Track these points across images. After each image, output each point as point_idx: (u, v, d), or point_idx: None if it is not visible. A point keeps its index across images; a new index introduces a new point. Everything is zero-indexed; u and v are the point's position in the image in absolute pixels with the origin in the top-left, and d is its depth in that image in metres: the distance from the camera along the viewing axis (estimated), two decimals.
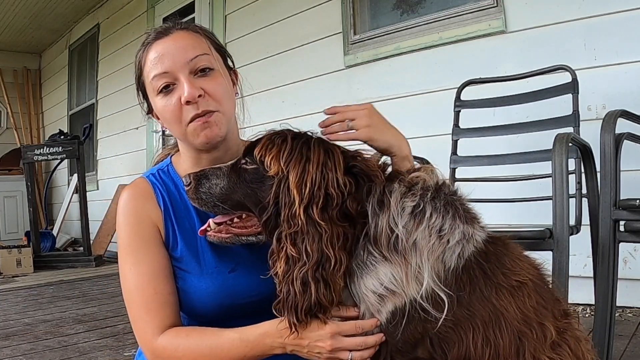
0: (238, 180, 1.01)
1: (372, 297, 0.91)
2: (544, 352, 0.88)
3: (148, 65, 1.14)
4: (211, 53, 1.15)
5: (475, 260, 0.92)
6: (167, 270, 1.13)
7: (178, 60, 1.10)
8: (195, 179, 1.04)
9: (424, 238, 0.91)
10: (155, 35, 1.15)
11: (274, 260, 0.94)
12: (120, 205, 1.17)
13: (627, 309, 2.52)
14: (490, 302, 0.89)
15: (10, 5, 6.49)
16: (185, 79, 1.09)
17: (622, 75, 2.50)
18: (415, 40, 3.31)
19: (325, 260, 0.90)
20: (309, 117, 3.85)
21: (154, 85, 1.13)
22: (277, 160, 0.95)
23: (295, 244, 0.91)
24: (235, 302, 1.13)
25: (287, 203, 0.92)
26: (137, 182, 1.20)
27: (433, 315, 0.88)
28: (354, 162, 0.98)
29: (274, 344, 0.99)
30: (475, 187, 2.40)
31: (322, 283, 0.89)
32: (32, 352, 2.44)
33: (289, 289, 0.90)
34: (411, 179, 0.97)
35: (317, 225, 0.90)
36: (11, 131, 8.04)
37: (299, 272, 0.90)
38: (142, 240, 1.13)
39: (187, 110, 1.10)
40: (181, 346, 1.05)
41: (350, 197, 0.94)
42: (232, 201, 1.02)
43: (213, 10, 4.84)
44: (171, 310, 1.11)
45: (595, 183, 1.89)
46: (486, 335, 0.88)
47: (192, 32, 1.16)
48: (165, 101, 1.12)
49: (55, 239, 6.38)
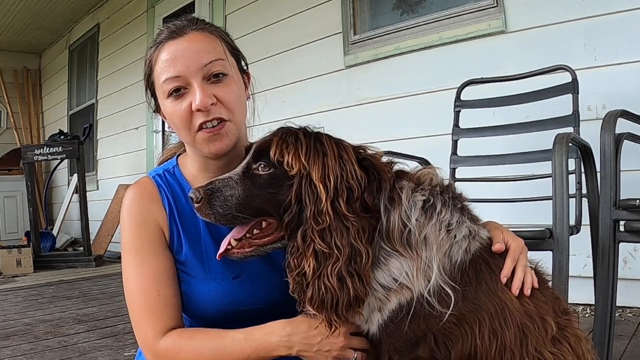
0: (253, 186, 0.97)
1: (381, 292, 0.91)
2: (545, 346, 0.89)
3: (159, 66, 1.08)
4: (226, 58, 1.10)
5: (481, 256, 0.93)
6: (171, 273, 1.12)
7: (192, 64, 1.05)
8: (205, 193, 0.99)
9: (433, 232, 0.91)
10: (168, 34, 1.09)
11: (299, 258, 0.91)
12: (125, 205, 1.14)
13: (627, 309, 2.51)
14: (496, 295, 0.90)
15: (10, 5, 6.49)
16: (197, 85, 1.05)
17: (622, 75, 2.50)
18: (415, 40, 3.31)
19: (356, 254, 0.88)
20: (309, 117, 3.85)
21: (165, 88, 1.08)
22: (297, 159, 0.93)
23: (324, 239, 0.89)
24: (239, 309, 1.13)
25: (312, 200, 0.90)
26: (143, 182, 1.18)
27: (438, 310, 0.89)
28: (364, 155, 0.97)
29: (279, 343, 0.99)
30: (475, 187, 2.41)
31: (357, 277, 0.88)
32: (32, 352, 2.44)
33: (323, 286, 0.88)
34: (418, 176, 0.98)
35: (344, 219, 0.89)
36: (11, 131, 8.05)
37: (333, 268, 0.88)
38: (147, 242, 1.11)
39: (197, 116, 1.06)
40: (184, 348, 1.05)
41: (367, 190, 0.93)
42: (251, 209, 0.97)
43: (213, 10, 4.84)
44: (174, 313, 1.10)
45: (595, 183, 1.89)
46: (492, 327, 0.88)
47: (207, 33, 1.10)
48: (175, 105, 1.07)
49: (55, 239, 6.38)
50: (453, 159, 2.48)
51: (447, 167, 2.46)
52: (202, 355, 1.04)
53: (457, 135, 2.50)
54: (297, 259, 0.92)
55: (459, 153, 2.49)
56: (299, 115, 3.91)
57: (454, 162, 2.47)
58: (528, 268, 0.96)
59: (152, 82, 1.13)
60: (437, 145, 2.66)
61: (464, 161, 2.48)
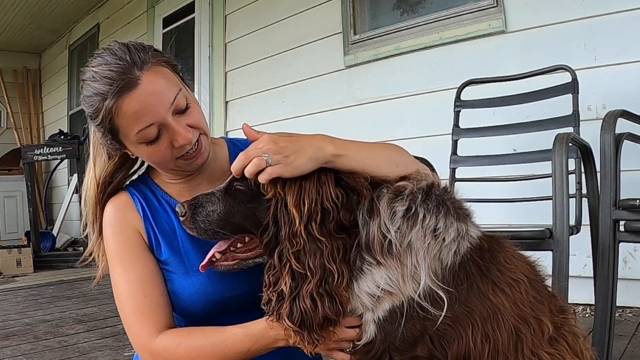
0: (234, 203, 1.00)
1: (366, 298, 0.92)
2: (542, 348, 0.89)
3: (126, 120, 1.06)
4: (181, 84, 1.13)
5: (471, 257, 0.93)
6: (155, 274, 1.16)
7: (161, 109, 1.06)
8: (190, 208, 1.02)
9: (418, 239, 0.91)
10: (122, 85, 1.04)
11: (276, 276, 0.94)
12: (104, 218, 1.19)
13: (627, 309, 2.52)
14: (487, 298, 0.90)
15: (10, 5, 6.49)
16: (174, 124, 1.07)
17: (622, 75, 2.51)
18: (415, 40, 3.31)
19: (328, 275, 0.91)
20: (309, 117, 3.85)
21: (139, 137, 1.08)
22: (272, 184, 0.94)
23: (299, 260, 0.91)
24: (225, 296, 1.15)
25: (286, 222, 0.92)
26: (118, 195, 1.22)
27: (432, 313, 0.89)
28: (341, 174, 0.97)
29: (278, 336, 1.00)
30: (475, 187, 2.41)
31: (328, 298, 0.90)
32: (32, 352, 2.44)
33: (298, 307, 0.91)
34: (397, 187, 0.96)
35: (317, 241, 0.91)
36: (11, 131, 8.04)
37: (306, 289, 0.90)
38: (128, 248, 1.16)
39: (181, 149, 1.10)
40: (183, 344, 1.06)
41: (344, 209, 0.94)
42: (232, 225, 1.01)
43: (213, 10, 4.84)
44: (164, 312, 1.13)
45: (595, 183, 1.89)
46: (485, 331, 0.88)
47: (156, 68, 1.08)
48: (154, 148, 1.09)
49: (55, 239, 6.39)
50: (453, 159, 2.48)
51: (447, 167, 2.46)
52: (201, 350, 1.05)
53: (457, 135, 2.50)
54: (273, 277, 0.95)
55: (459, 153, 2.49)
56: (299, 115, 3.91)
57: (454, 162, 2.47)
58: (259, 158, 0.91)
59: (115, 129, 1.10)
60: (437, 145, 2.66)
61: (464, 161, 2.48)
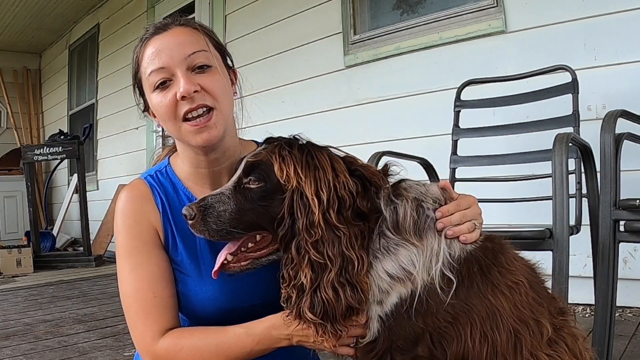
0: (246, 201, 0.98)
1: (385, 281, 0.92)
2: (541, 349, 0.89)
3: (145, 61, 1.11)
4: (209, 50, 1.12)
5: (475, 256, 0.94)
6: (167, 274, 1.11)
7: (175, 56, 1.08)
8: (199, 210, 0.98)
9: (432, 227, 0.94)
10: (153, 31, 1.12)
11: (295, 269, 0.92)
12: (118, 207, 1.14)
13: (627, 309, 2.52)
14: (487, 299, 0.90)
15: (10, 5, 6.49)
16: (182, 75, 1.07)
17: (622, 75, 2.50)
18: (415, 40, 3.31)
19: (348, 263, 0.90)
20: (309, 117, 3.85)
21: (151, 81, 1.10)
22: (295, 174, 0.94)
23: (318, 250, 0.90)
24: (237, 306, 1.12)
25: (304, 213, 0.92)
26: (135, 184, 1.18)
27: (434, 307, 0.89)
28: (354, 166, 0.99)
29: (280, 336, 1.00)
30: (475, 187, 2.41)
31: (349, 286, 0.89)
32: (32, 352, 2.44)
33: (320, 299, 0.89)
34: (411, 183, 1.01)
35: (335, 229, 0.91)
36: (11, 131, 8.05)
37: (327, 279, 0.89)
38: (141, 243, 1.11)
39: (182, 105, 1.07)
40: (185, 346, 1.04)
41: (360, 196, 0.94)
42: (245, 223, 0.98)
43: (213, 10, 4.84)
44: (171, 314, 1.10)
45: (595, 183, 1.89)
46: (483, 331, 0.88)
47: (191, 28, 1.13)
48: (161, 97, 1.09)
49: (55, 239, 6.38)
50: (453, 159, 2.48)
51: (447, 167, 2.46)
52: (204, 351, 1.04)
53: (457, 135, 2.50)
54: (292, 270, 0.92)
55: (459, 153, 2.49)
56: (299, 115, 3.91)
57: (454, 162, 2.47)
58: (470, 223, 0.96)
59: (139, 79, 1.15)
60: (437, 145, 2.66)
61: (464, 161, 2.48)
